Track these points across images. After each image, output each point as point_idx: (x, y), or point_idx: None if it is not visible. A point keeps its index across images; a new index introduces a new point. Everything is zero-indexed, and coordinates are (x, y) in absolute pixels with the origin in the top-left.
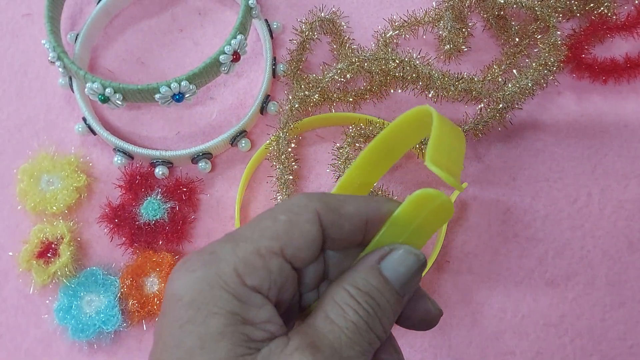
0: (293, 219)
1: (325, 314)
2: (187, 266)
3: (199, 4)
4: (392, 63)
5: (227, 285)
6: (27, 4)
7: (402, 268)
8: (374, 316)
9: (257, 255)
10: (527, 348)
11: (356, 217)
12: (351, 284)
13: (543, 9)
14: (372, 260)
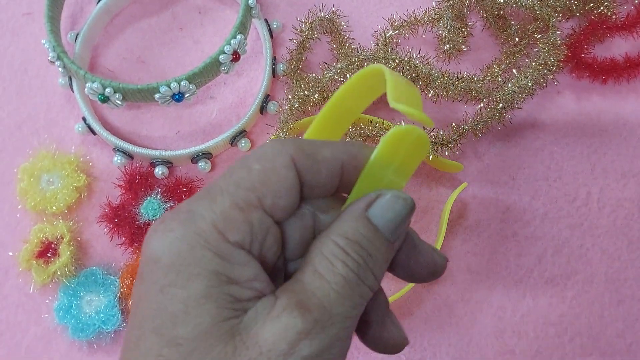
0: (267, 166)
1: (314, 267)
2: (164, 226)
3: (199, 3)
4: (391, 63)
5: (208, 244)
6: (28, 3)
7: (390, 213)
8: (364, 267)
9: (236, 208)
10: (527, 347)
11: (333, 162)
12: (339, 234)
13: (543, 8)
14: (359, 208)
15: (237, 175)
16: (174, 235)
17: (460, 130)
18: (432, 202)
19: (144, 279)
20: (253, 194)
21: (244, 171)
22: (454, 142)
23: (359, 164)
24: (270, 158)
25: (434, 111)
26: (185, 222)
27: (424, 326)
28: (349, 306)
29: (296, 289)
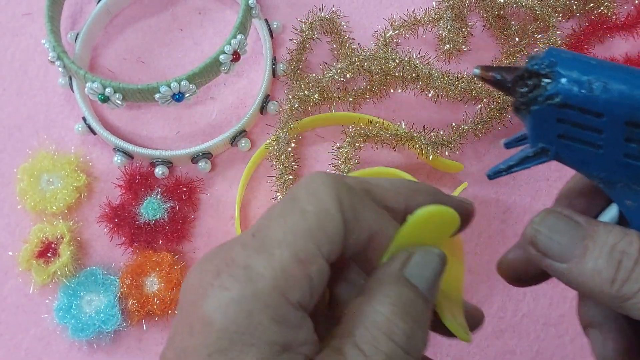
0: (322, 209)
1: (354, 341)
2: (220, 283)
3: (199, 4)
4: (392, 63)
5: (268, 307)
6: (27, 3)
7: (428, 272)
8: (411, 337)
9: (297, 262)
10: (527, 347)
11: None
12: (382, 301)
13: (543, 8)
14: (396, 268)
15: (292, 220)
16: (230, 296)
17: (461, 130)
18: None
19: (193, 334)
20: (312, 243)
21: (298, 215)
22: (454, 142)
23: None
24: (322, 199)
25: (433, 111)
26: (242, 281)
27: None
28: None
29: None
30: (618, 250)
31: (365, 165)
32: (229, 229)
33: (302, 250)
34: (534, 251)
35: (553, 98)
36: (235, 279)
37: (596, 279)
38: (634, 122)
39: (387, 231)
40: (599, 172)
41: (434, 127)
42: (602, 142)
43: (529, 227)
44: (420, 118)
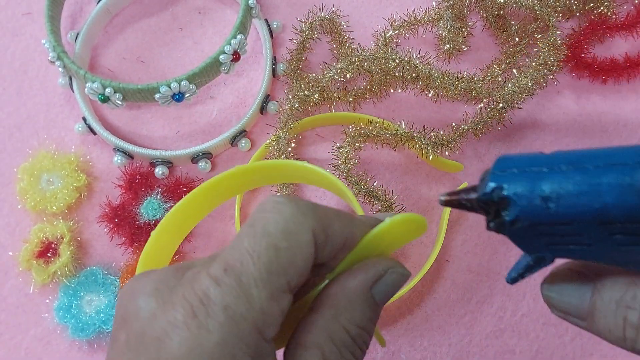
0: (294, 244)
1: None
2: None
3: (199, 3)
4: (392, 62)
5: (249, 348)
6: (27, 2)
7: (393, 290)
8: (364, 350)
9: (272, 300)
10: (527, 347)
11: (339, 239)
12: (350, 321)
13: (543, 8)
14: (366, 285)
15: (266, 256)
16: (213, 340)
17: (461, 130)
18: (432, 202)
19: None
20: (284, 279)
21: (272, 252)
22: (454, 142)
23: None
24: (295, 232)
25: (433, 111)
26: (225, 323)
27: (424, 326)
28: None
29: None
30: (622, 306)
31: (366, 165)
32: (229, 229)
33: (276, 289)
34: (557, 312)
35: (516, 223)
36: (217, 321)
37: (611, 337)
38: (605, 221)
39: (356, 235)
40: (606, 261)
41: (434, 127)
42: (589, 241)
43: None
44: (420, 118)
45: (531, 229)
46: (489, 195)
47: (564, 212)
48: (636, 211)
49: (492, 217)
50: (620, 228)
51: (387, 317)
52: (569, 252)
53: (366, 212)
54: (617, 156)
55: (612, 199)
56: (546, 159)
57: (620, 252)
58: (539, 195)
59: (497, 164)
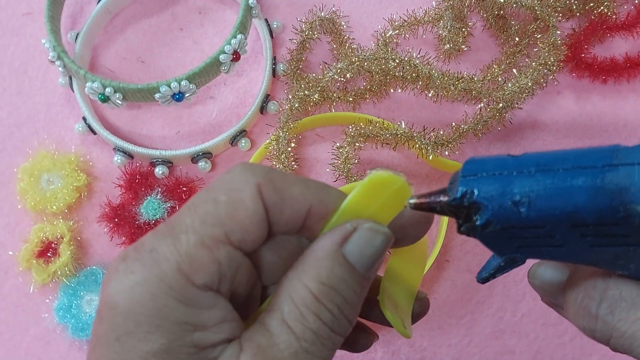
0: (235, 198)
1: (282, 316)
2: (125, 266)
3: (199, 3)
4: (392, 63)
5: (172, 290)
6: (28, 2)
7: (369, 250)
8: (339, 316)
9: (203, 247)
10: (527, 347)
11: (300, 204)
12: (312, 278)
13: (543, 8)
14: (334, 244)
15: (203, 209)
16: (134, 279)
17: (461, 130)
18: None
19: (101, 320)
20: (220, 230)
21: (210, 204)
22: (454, 142)
23: (329, 209)
24: (237, 188)
25: (433, 111)
26: (147, 264)
27: (424, 326)
28: None
29: (262, 343)
30: (584, 295)
31: (366, 165)
32: None
33: (209, 237)
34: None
35: (488, 227)
36: (141, 263)
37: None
38: (577, 224)
39: (327, 202)
40: (577, 260)
41: (434, 127)
42: (561, 242)
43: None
44: (420, 118)
45: (502, 232)
46: (459, 200)
47: (535, 215)
48: (607, 213)
49: (462, 221)
50: (591, 230)
51: None
52: (541, 253)
53: None
54: (586, 158)
55: (583, 202)
56: (515, 162)
57: (592, 253)
58: (510, 199)
59: (465, 167)
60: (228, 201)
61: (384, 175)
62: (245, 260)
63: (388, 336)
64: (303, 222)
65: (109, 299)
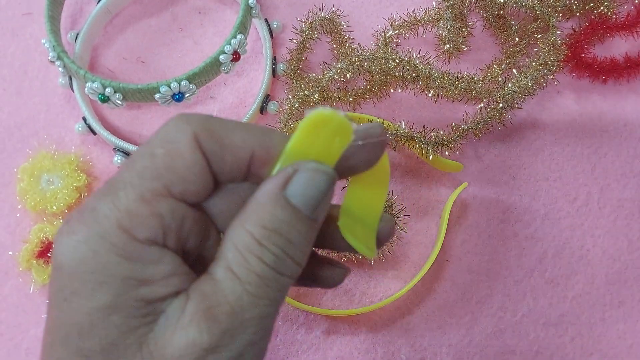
0: (172, 150)
1: (227, 263)
2: (67, 228)
3: (199, 3)
4: (392, 62)
5: (114, 246)
6: (27, 2)
7: (311, 190)
8: (284, 258)
9: (142, 201)
10: (527, 347)
11: (241, 150)
12: (254, 223)
13: (543, 8)
14: (275, 188)
15: (140, 163)
16: (76, 239)
17: (461, 130)
18: (432, 202)
19: (51, 283)
20: (159, 183)
21: (147, 158)
22: (454, 142)
23: (271, 155)
24: (173, 139)
25: (433, 111)
26: (89, 223)
27: (424, 326)
28: (265, 305)
29: (207, 291)
30: None
31: None
32: None
33: (147, 191)
34: None
35: None
36: (82, 223)
37: None
38: None
39: (269, 146)
40: None
41: (434, 127)
42: None
43: None
44: (420, 118)
45: None
46: None
47: None
48: None
49: None
50: None
51: (387, 317)
52: None
53: None
54: None
55: None
56: None
57: None
58: None
59: None
60: (165, 154)
61: (321, 113)
62: (192, 212)
63: (388, 336)
64: (248, 169)
65: (55, 262)
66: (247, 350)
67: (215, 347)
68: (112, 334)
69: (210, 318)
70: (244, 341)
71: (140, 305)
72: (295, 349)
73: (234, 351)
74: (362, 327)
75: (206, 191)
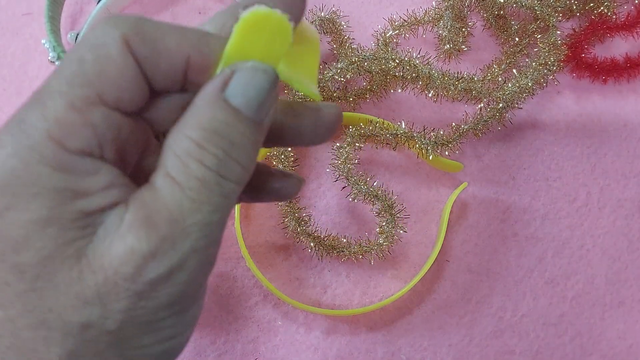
0: (101, 54)
1: (166, 171)
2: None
3: (199, 4)
4: (392, 63)
5: (45, 158)
6: (28, 3)
7: (252, 90)
8: (226, 160)
9: (72, 110)
10: (527, 347)
11: (176, 55)
12: (192, 126)
13: (543, 8)
14: (213, 90)
15: (69, 70)
16: (5, 152)
17: (461, 130)
18: (432, 202)
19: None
20: (90, 90)
21: (75, 64)
22: (454, 142)
23: (210, 62)
24: (102, 43)
25: (433, 111)
26: (17, 136)
27: (424, 326)
28: (208, 211)
29: (146, 200)
30: None
31: (366, 165)
32: (229, 228)
33: (78, 98)
34: None
35: None
36: (11, 135)
37: None
38: None
39: (206, 51)
40: None
41: (434, 127)
42: None
43: None
44: (420, 118)
45: None
46: None
47: None
48: None
49: None
50: None
51: (387, 317)
52: None
53: (366, 213)
54: None
55: None
56: None
57: None
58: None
59: None
60: (94, 59)
61: (257, 12)
62: (129, 122)
63: (388, 336)
64: (185, 76)
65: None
66: (190, 257)
67: (154, 254)
68: (49, 247)
69: (149, 225)
70: (186, 248)
71: (77, 217)
72: (295, 349)
73: (175, 258)
74: (362, 327)
75: (141, 99)
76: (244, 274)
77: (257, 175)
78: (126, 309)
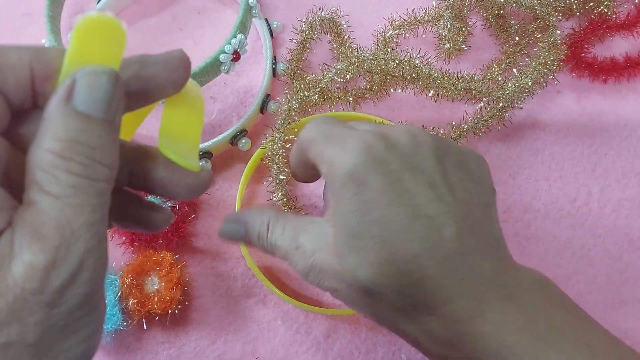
0: None
1: (39, 187)
2: None
3: (199, 4)
4: (391, 63)
5: None
6: (27, 3)
7: (97, 93)
8: (91, 164)
9: None
10: None
11: (19, 69)
12: (51, 140)
13: (543, 7)
14: (59, 102)
15: None
16: None
17: (461, 130)
18: None
19: None
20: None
21: None
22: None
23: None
24: None
25: (433, 111)
26: None
27: None
28: (90, 212)
29: (28, 217)
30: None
31: None
32: None
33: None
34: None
35: None
36: None
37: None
38: None
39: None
40: None
41: (434, 127)
42: None
43: None
44: (420, 118)
45: None
46: None
47: None
48: None
49: None
50: None
51: None
52: None
53: None
54: None
55: None
56: None
57: None
58: None
59: None
60: None
61: (87, 17)
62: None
63: (389, 336)
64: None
65: None
66: (87, 257)
67: (53, 263)
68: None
69: (40, 238)
70: (81, 250)
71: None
72: (295, 349)
73: (74, 262)
74: (363, 327)
75: (4, 117)
76: (244, 274)
77: (127, 204)
78: (42, 319)
